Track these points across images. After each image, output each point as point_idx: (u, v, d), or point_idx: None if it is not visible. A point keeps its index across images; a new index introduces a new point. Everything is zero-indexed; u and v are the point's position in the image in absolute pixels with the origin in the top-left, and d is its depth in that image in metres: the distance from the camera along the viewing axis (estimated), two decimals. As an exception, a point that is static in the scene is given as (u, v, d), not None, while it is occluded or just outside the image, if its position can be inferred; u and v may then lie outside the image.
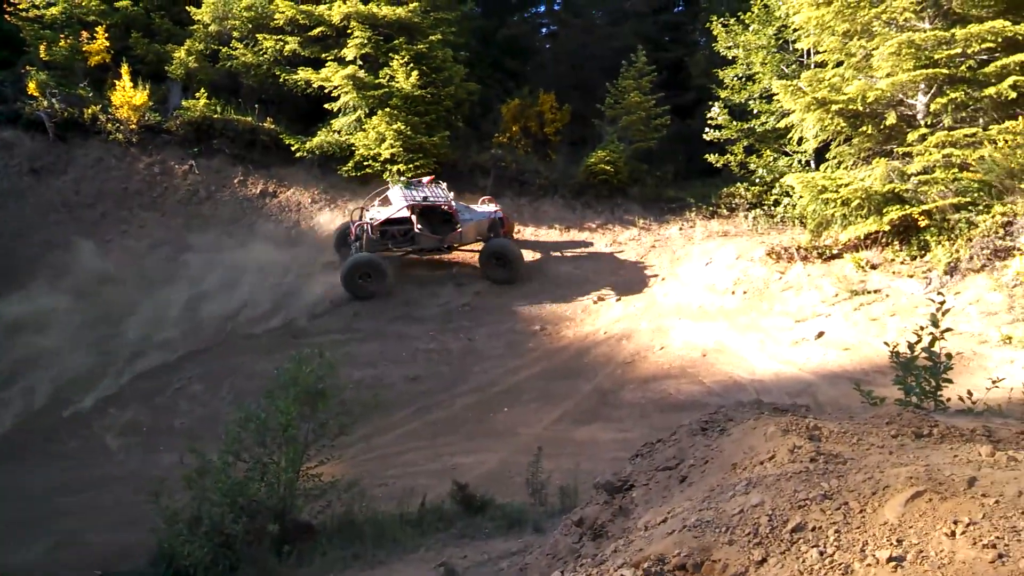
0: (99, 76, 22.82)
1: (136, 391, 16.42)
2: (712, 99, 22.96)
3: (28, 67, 22.09)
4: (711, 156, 22.44)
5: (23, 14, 22.27)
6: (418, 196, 19.76)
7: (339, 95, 22.39)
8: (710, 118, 22.62)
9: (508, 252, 19.82)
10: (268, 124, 22.95)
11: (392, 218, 19.72)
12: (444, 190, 20.28)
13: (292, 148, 22.36)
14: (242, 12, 23.33)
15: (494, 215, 20.22)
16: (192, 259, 19.67)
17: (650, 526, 2.49)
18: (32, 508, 12.28)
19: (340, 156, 22.36)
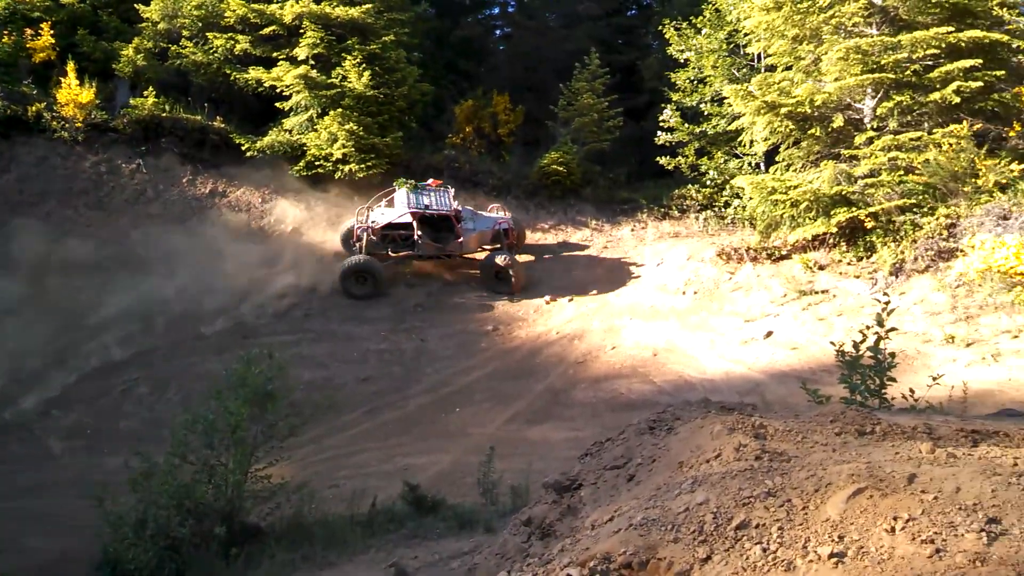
0: (44, 73, 22.29)
1: (80, 393, 16.10)
2: (664, 102, 23.15)
3: (-30, 64, 21.60)
4: (663, 158, 22.61)
5: (-35, 10, 21.80)
6: (421, 203, 19.54)
7: (291, 94, 22.19)
8: (662, 121, 22.81)
9: (504, 266, 19.28)
10: (218, 123, 22.65)
11: (394, 223, 19.58)
12: (450, 196, 20.05)
13: (242, 147, 22.06)
14: (192, 10, 23.01)
15: (498, 226, 20.05)
16: (139, 260, 19.31)
17: (597, 525, 2.50)
18: (-29, 514, 11.99)
19: (291, 156, 22.12)
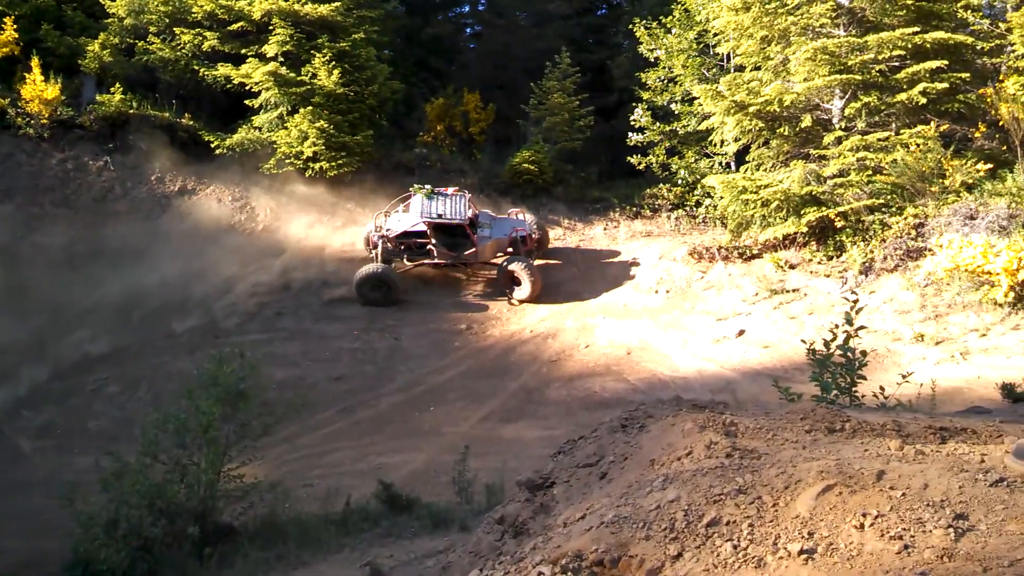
0: (8, 69, 21.98)
1: (50, 392, 15.92)
2: (635, 101, 23.23)
3: (-68, 59, 21.27)
4: (634, 157, 22.70)
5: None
6: (434, 212, 19.16)
7: (260, 92, 22.02)
8: (633, 120, 22.89)
9: (520, 273, 18.85)
10: (186, 120, 22.46)
11: (408, 231, 19.35)
12: (466, 203, 19.53)
13: (212, 145, 21.90)
14: (159, 6, 22.72)
15: (514, 232, 19.64)
16: (108, 258, 19.07)
17: (569, 523, 2.51)
18: (-63, 516, 11.82)
19: (262, 153, 21.94)
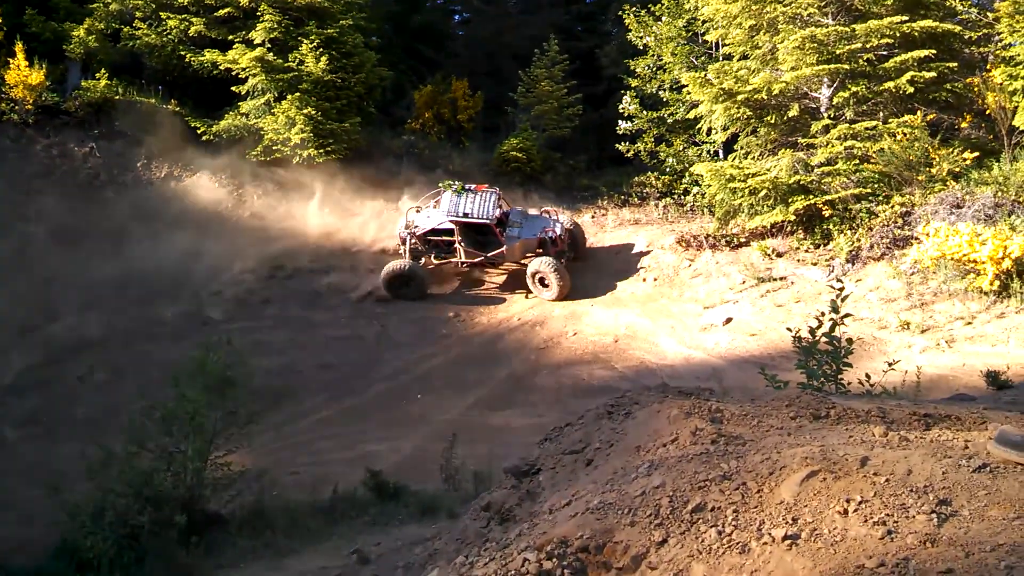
0: (-9, 54, 21.84)
1: (36, 380, 15.86)
2: (623, 89, 23.19)
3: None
4: (622, 145, 22.67)
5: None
6: (461, 210, 18.67)
7: (247, 78, 21.88)
8: (621, 108, 22.86)
9: (547, 274, 18.23)
10: (172, 106, 22.31)
11: (435, 228, 18.98)
12: (495, 202, 19.00)
13: (198, 131, 21.77)
14: (145, -9, 22.60)
15: (543, 233, 18.95)
16: (92, 244, 18.95)
17: (555, 509, 2.51)
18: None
19: (249, 140, 21.82)
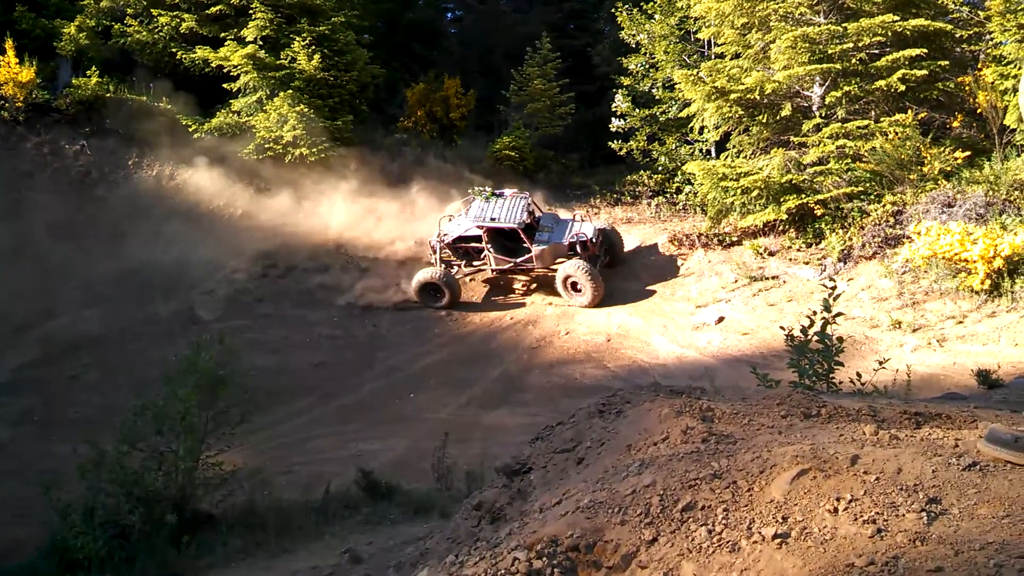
0: (-18, 52, 21.74)
1: (29, 379, 15.81)
2: (616, 88, 23.22)
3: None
4: (615, 143, 22.71)
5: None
6: (488, 216, 18.20)
7: (238, 75, 21.84)
8: (614, 106, 22.90)
9: (579, 278, 17.51)
10: (164, 104, 22.23)
11: (463, 235, 18.57)
12: (524, 206, 18.45)
13: (190, 129, 21.69)
14: (137, -12, 22.55)
15: (575, 238, 18.06)
16: (84, 243, 18.93)
17: (545, 508, 2.51)
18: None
19: (240, 138, 21.76)
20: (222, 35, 22.36)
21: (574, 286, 17.70)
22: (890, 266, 16.00)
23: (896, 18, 17.08)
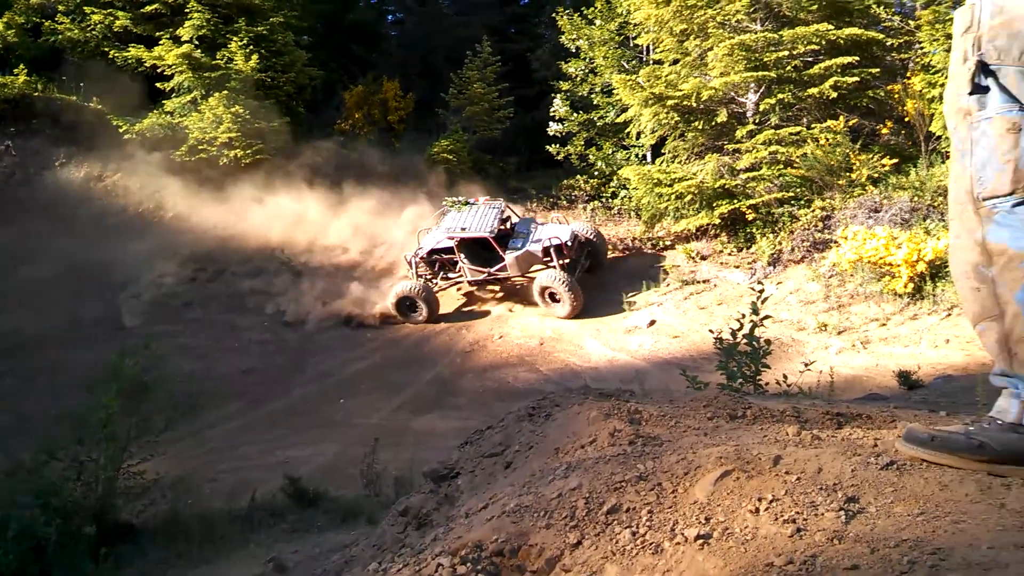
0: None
1: (-58, 386, 15.28)
2: (555, 92, 23.35)
3: None
4: (552, 148, 22.81)
5: None
6: (459, 225, 17.77)
7: (172, 75, 21.42)
8: (552, 110, 23.01)
9: (556, 288, 16.91)
10: (94, 104, 21.73)
11: (435, 248, 18.01)
12: (496, 214, 18.00)
13: (120, 130, 21.20)
14: (68, -16, 22.01)
15: (548, 242, 17.31)
16: (6, 245, 18.36)
17: (471, 513, 2.48)
18: None
19: (173, 140, 21.32)
20: (157, 34, 21.95)
21: (552, 296, 17.14)
22: (818, 270, 16.31)
23: (830, 27, 17.44)
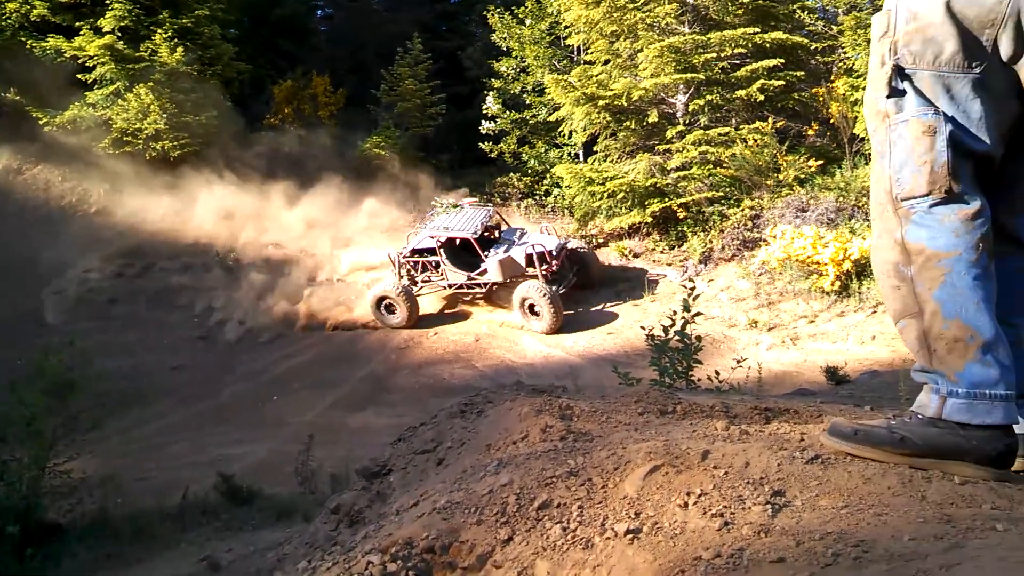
0: None
1: None
2: (487, 89, 23.34)
3: None
4: (485, 145, 22.81)
5: None
6: (442, 225, 17.19)
7: (94, 66, 20.87)
8: (485, 108, 22.99)
9: (536, 300, 15.95)
10: (12, 95, 21.04)
11: (417, 248, 17.29)
12: (483, 216, 17.45)
13: (41, 122, 20.61)
14: (-18, -29, 21.30)
15: (531, 249, 16.45)
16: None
17: (402, 510, 2.47)
18: None
19: (96, 132, 20.78)
20: (77, 24, 21.31)
21: (531, 308, 16.16)
22: (748, 268, 16.60)
23: (757, 30, 17.75)
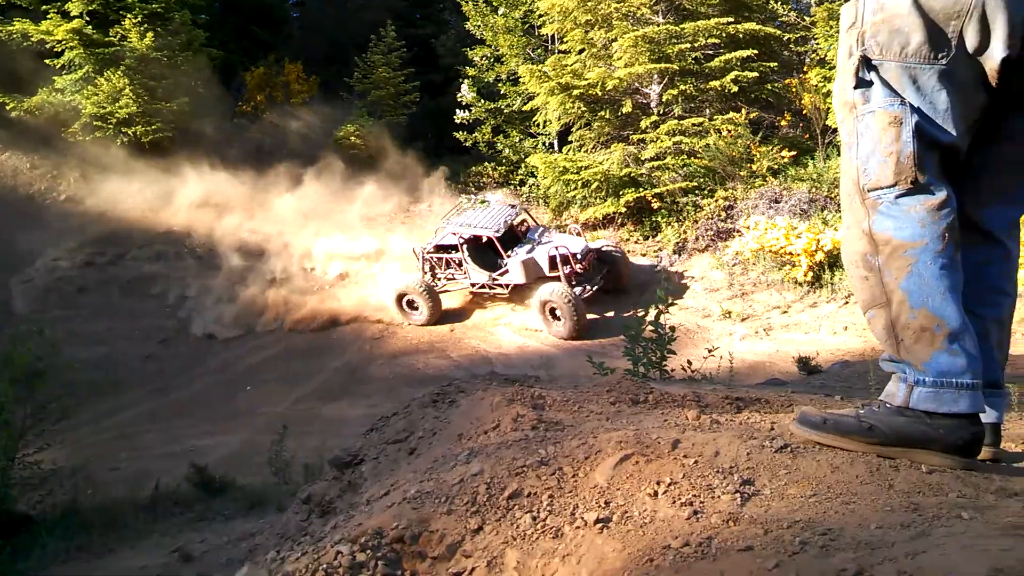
0: None
1: None
2: (461, 78, 23.27)
3: None
4: (460, 134, 22.75)
5: None
6: (466, 222, 16.62)
7: (63, 51, 20.58)
8: (459, 97, 22.92)
9: (558, 304, 15.22)
10: (-23, 81, 20.75)
11: (440, 244, 16.82)
12: (509, 214, 16.78)
13: (7, 107, 20.32)
14: (-56, -49, 20.94)
15: (555, 251, 15.73)
16: None
17: (373, 500, 2.46)
18: None
19: (65, 117, 20.51)
20: (43, 8, 20.99)
21: (552, 312, 15.48)
22: (721, 258, 16.69)
23: (730, 20, 17.80)
